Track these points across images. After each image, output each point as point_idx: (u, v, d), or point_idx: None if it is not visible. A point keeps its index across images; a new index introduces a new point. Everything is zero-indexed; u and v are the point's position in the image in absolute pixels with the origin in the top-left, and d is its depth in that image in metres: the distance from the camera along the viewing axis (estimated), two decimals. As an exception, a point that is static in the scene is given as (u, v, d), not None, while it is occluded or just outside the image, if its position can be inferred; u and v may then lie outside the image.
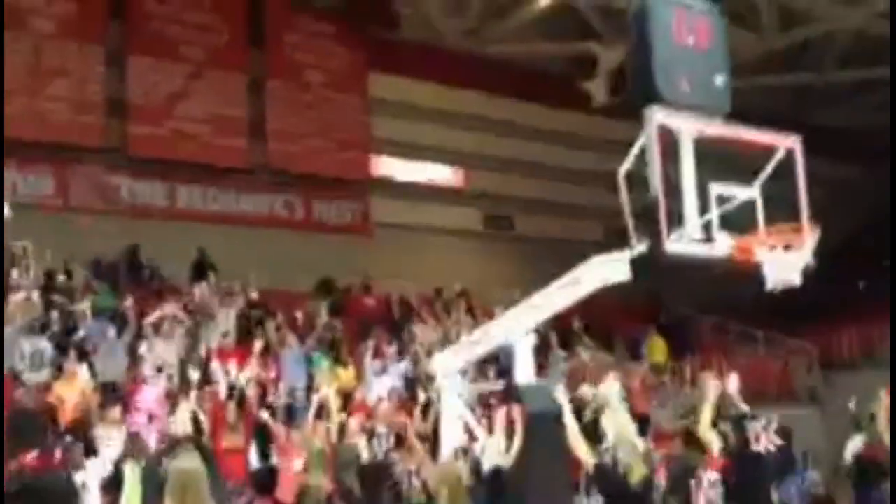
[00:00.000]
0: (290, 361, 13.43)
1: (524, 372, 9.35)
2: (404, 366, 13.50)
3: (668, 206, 7.55)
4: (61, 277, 13.74)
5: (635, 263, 8.19)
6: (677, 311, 20.20)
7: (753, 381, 19.23)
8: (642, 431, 10.25)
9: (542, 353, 13.21)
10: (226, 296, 14.65)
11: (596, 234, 23.60)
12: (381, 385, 12.95)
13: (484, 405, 11.15)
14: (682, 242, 7.73)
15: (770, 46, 20.39)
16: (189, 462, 4.89)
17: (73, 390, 10.76)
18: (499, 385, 10.94)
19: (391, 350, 13.79)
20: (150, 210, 17.74)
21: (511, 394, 9.36)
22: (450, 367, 10.19)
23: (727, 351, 19.00)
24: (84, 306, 12.57)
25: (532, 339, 9.47)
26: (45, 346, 11.57)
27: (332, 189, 19.86)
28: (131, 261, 15.87)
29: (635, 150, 7.84)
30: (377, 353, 13.42)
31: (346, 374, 13.16)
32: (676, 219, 7.84)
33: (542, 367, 13.88)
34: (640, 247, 8.14)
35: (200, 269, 16.38)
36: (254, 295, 15.29)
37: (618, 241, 24.48)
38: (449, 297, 17.15)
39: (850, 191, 23.20)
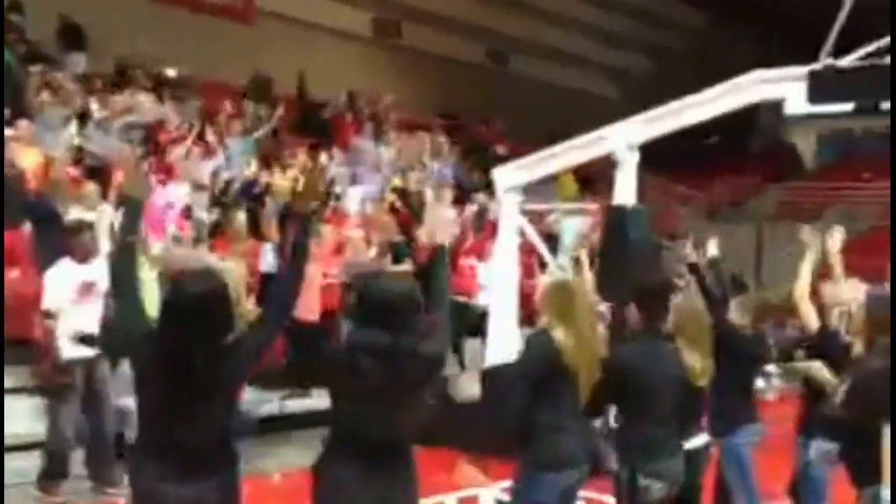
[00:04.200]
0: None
1: (626, 193, 8.21)
2: (378, 174, 11.75)
3: None
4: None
5: (818, 80, 7.21)
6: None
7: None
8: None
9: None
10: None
11: (477, 56, 22.41)
12: (356, 194, 11.26)
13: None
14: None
15: None
16: None
17: (33, 155, 8.35)
18: (592, 206, 9.65)
19: (365, 157, 12.01)
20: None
21: (611, 216, 8.21)
22: (514, 181, 8.84)
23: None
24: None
25: (637, 157, 8.30)
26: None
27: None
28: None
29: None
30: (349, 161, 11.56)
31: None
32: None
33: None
34: (826, 60, 7.21)
35: (72, 38, 13.54)
36: (171, 73, 12.81)
37: (498, 64, 23.00)
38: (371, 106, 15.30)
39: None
